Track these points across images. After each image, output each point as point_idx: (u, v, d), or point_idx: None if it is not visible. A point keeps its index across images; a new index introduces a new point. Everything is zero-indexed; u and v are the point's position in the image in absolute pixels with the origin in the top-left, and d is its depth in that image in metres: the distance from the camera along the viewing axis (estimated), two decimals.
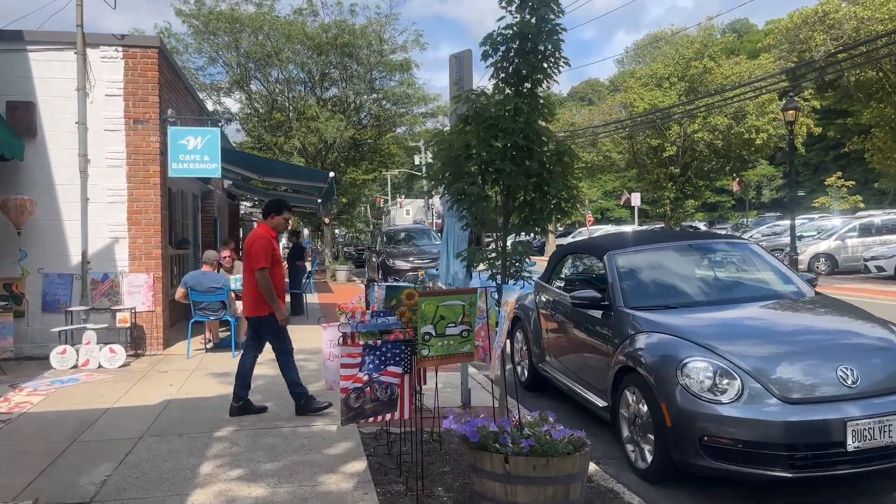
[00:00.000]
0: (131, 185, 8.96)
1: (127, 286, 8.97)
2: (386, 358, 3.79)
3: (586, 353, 5.57)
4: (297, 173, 10.80)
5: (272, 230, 5.97)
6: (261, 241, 5.70)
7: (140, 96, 8.96)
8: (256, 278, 5.63)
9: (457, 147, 4.50)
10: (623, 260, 5.50)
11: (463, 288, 4.49)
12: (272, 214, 5.96)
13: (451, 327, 3.99)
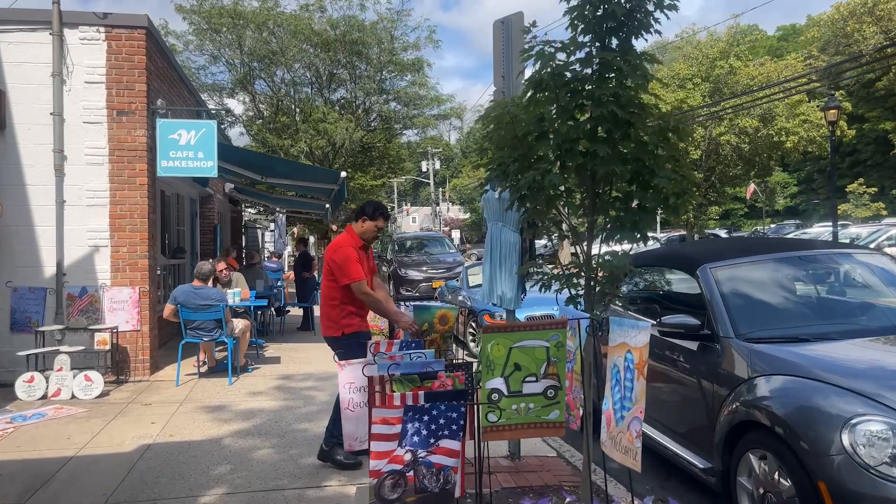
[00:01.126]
0: (114, 185, 7.79)
1: (108, 302, 7.78)
2: (438, 426, 2.57)
3: (677, 397, 4.34)
4: (305, 173, 9.62)
5: (359, 237, 4.85)
6: (345, 251, 4.67)
7: (125, 84, 7.80)
8: (357, 295, 4.63)
9: (524, 122, 3.28)
10: (726, 275, 4.27)
11: (547, 321, 3.24)
12: (363, 218, 4.84)
13: (531, 382, 2.78)
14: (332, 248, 4.83)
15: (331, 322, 4.73)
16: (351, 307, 4.66)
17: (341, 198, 9.56)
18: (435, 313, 4.83)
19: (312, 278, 12.29)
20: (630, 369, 2.58)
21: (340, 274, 4.61)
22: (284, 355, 9.43)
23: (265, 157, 9.24)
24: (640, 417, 2.47)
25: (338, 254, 4.67)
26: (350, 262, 4.60)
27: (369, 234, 4.89)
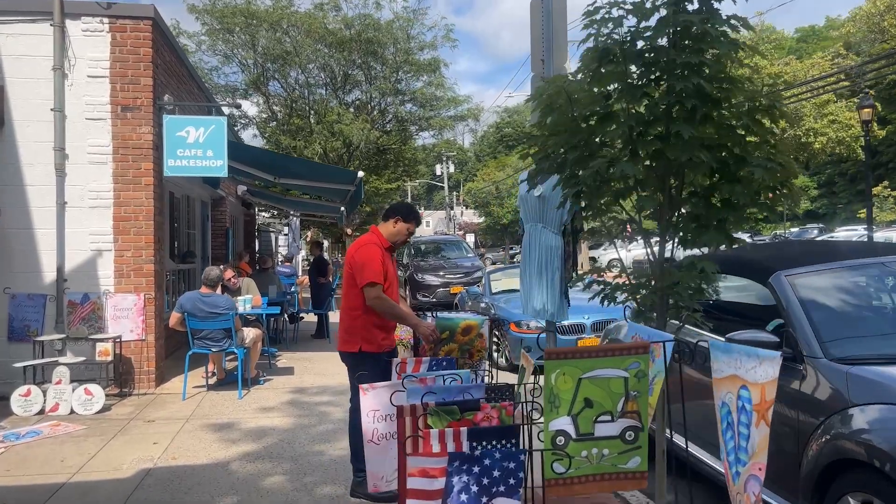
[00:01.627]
0: (118, 185, 7.33)
1: (112, 309, 7.31)
2: (491, 479, 2.02)
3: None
4: (320, 173, 9.11)
5: (387, 239, 4.33)
6: (370, 249, 4.17)
7: (130, 78, 7.34)
8: (368, 299, 4.07)
9: (585, 102, 2.73)
10: (806, 284, 3.69)
11: (626, 343, 2.67)
12: (396, 219, 4.34)
13: (606, 422, 2.23)
14: (355, 246, 4.29)
15: (351, 335, 4.19)
16: (376, 317, 4.13)
17: (358, 199, 9.06)
18: (458, 324, 4.31)
19: (328, 284, 11.78)
20: (746, 411, 2.01)
21: (360, 272, 4.09)
22: (298, 366, 8.93)
23: (278, 156, 8.78)
24: (758, 476, 1.89)
25: (361, 252, 4.15)
26: (373, 261, 4.08)
27: (400, 238, 4.39)
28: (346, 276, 4.24)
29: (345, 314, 4.24)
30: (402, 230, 4.34)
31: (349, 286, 4.21)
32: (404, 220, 4.33)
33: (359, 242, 4.31)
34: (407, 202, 4.69)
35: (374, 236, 4.31)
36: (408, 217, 4.35)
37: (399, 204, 4.55)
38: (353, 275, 4.15)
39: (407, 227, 4.35)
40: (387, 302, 4.09)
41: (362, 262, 4.10)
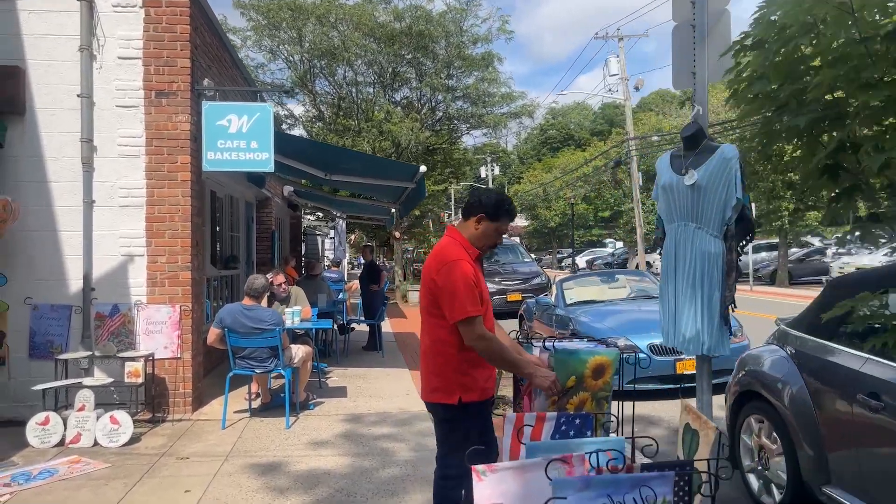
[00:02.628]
0: (152, 181, 6.44)
1: (144, 323, 6.42)
2: None
3: None
4: (377, 168, 8.08)
5: (473, 244, 3.17)
6: (459, 267, 2.97)
7: (165, 59, 6.45)
8: (467, 340, 2.96)
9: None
10: None
11: None
12: (479, 216, 3.14)
13: None
14: (436, 260, 3.10)
15: (443, 381, 3.06)
16: (473, 352, 3.04)
17: (418, 197, 8.04)
18: (586, 362, 3.18)
19: (381, 291, 10.80)
20: None
21: (449, 303, 2.95)
22: (351, 385, 7.93)
23: (331, 148, 7.85)
24: None
25: (448, 272, 2.97)
26: (466, 284, 2.94)
27: (487, 242, 3.19)
28: (426, 297, 3.11)
29: (430, 351, 3.12)
30: (489, 231, 3.14)
31: (430, 312, 3.08)
32: (490, 218, 3.12)
33: (440, 254, 3.10)
34: (492, 191, 3.37)
35: (456, 243, 3.12)
36: (496, 213, 3.12)
37: (480, 195, 3.19)
38: (435, 299, 3.03)
39: (495, 226, 3.14)
40: (494, 344, 2.98)
41: (452, 286, 2.94)
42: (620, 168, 39.00)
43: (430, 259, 3.12)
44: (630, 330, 7.49)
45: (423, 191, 7.50)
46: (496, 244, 3.29)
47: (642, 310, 8.46)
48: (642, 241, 30.78)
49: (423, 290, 3.14)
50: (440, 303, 2.98)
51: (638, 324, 7.73)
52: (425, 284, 3.10)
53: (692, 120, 3.37)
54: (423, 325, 3.18)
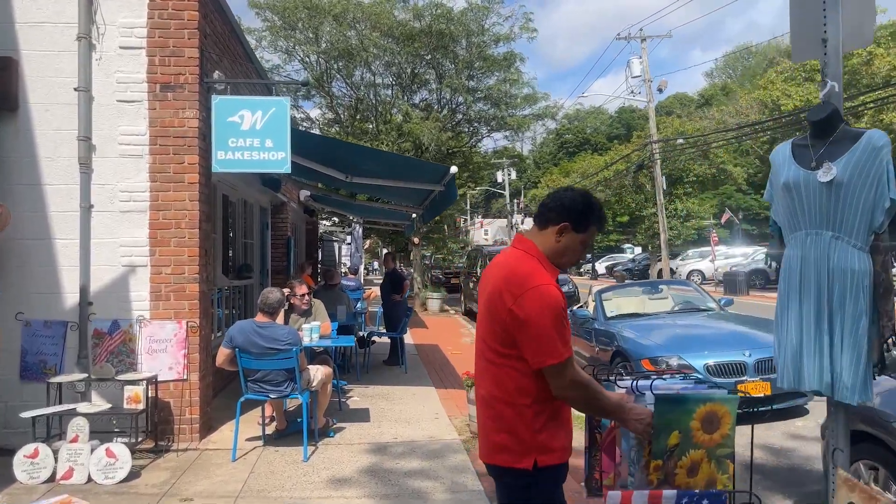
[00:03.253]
0: (156, 184, 5.82)
1: (146, 341, 5.78)
2: None
3: None
4: (403, 169, 7.35)
5: (552, 260, 2.44)
6: (545, 292, 2.25)
7: (171, 49, 5.83)
8: (559, 388, 2.27)
9: None
10: None
11: None
12: (562, 225, 2.41)
13: None
14: (511, 283, 2.31)
15: (515, 440, 2.32)
16: (554, 403, 2.33)
17: (447, 201, 7.34)
18: (693, 411, 2.45)
19: (403, 302, 10.12)
20: None
21: (534, 343, 2.22)
22: (373, 406, 7.25)
23: (354, 148, 7.20)
24: None
25: (532, 301, 2.23)
26: (556, 318, 2.22)
27: (571, 258, 2.47)
28: (492, 331, 2.37)
29: (495, 401, 2.37)
30: (574, 245, 2.42)
31: (498, 352, 2.34)
32: (576, 228, 2.39)
33: (517, 274, 2.32)
34: (576, 191, 2.50)
35: (533, 260, 2.38)
36: (585, 222, 2.41)
37: (562, 198, 2.43)
38: (509, 335, 2.30)
39: (582, 238, 2.43)
40: (592, 389, 2.28)
41: (538, 320, 2.20)
42: (642, 172, 38.17)
43: (500, 280, 2.37)
44: (682, 347, 6.75)
45: (454, 194, 6.81)
46: (579, 260, 2.57)
47: (692, 324, 7.72)
48: (666, 246, 29.92)
49: (487, 322, 2.41)
50: (519, 341, 2.26)
51: (690, 340, 6.99)
52: (493, 314, 2.37)
53: (823, 99, 2.66)
54: (484, 365, 2.46)
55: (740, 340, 6.81)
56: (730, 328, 7.41)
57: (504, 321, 2.30)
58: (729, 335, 7.07)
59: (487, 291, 2.46)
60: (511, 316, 2.27)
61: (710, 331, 7.40)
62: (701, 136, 31.14)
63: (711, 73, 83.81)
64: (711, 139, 28.79)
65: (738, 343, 6.72)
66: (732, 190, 51.71)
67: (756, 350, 6.51)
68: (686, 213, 36.49)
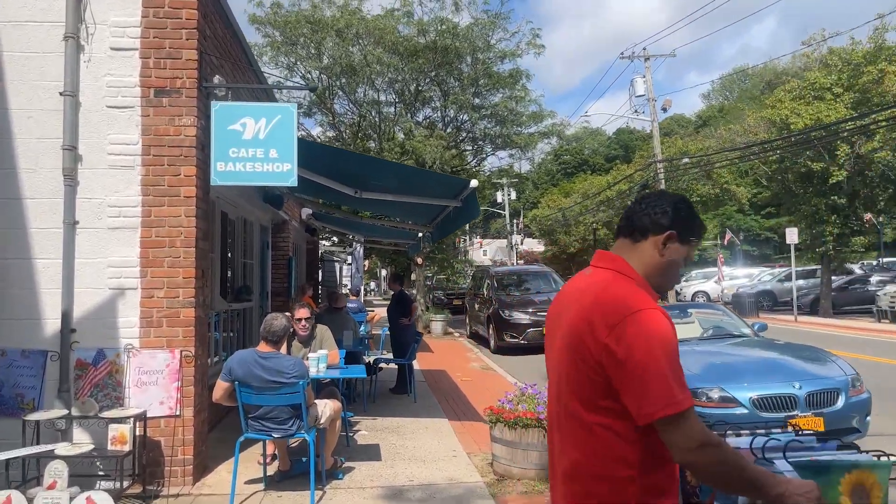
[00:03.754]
0: (149, 198, 5.27)
1: (135, 372, 5.19)
2: None
3: None
4: (420, 183, 6.76)
5: (651, 280, 1.92)
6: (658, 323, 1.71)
7: (168, 50, 5.31)
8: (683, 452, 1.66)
9: None
10: None
11: None
12: (668, 235, 1.92)
13: None
14: (602, 308, 1.78)
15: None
16: (661, 474, 1.76)
17: (464, 218, 6.80)
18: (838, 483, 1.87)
19: (412, 327, 9.54)
20: None
21: (640, 388, 1.66)
22: (384, 442, 6.64)
23: (367, 160, 6.68)
24: None
25: (634, 332, 1.69)
26: (669, 353, 1.67)
27: (673, 279, 1.97)
28: (573, 375, 1.82)
29: (581, 474, 1.80)
30: (680, 261, 1.93)
31: (587, 403, 1.79)
32: (682, 238, 1.92)
33: (608, 296, 1.80)
34: (671, 195, 1.99)
35: (628, 280, 1.87)
36: (691, 230, 1.93)
37: (661, 201, 1.96)
38: (603, 379, 1.74)
39: (686, 251, 1.94)
40: (728, 452, 1.67)
41: (645, 357, 1.66)
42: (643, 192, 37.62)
43: (585, 308, 1.81)
44: (723, 378, 6.16)
45: (475, 209, 6.26)
46: (677, 282, 2.05)
47: (728, 352, 7.14)
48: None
49: (567, 368, 1.85)
50: (620, 388, 1.70)
51: (731, 370, 6.41)
52: (577, 356, 1.80)
53: None
54: (565, 428, 1.88)
55: (786, 370, 6.23)
56: (771, 356, 6.83)
57: (595, 363, 1.74)
58: (773, 364, 6.49)
59: (566, 325, 1.89)
60: (606, 353, 1.71)
61: (750, 359, 6.83)
62: (705, 156, 30.77)
63: (709, 95, 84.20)
64: (717, 158, 28.37)
65: (784, 373, 6.15)
66: (733, 210, 51.47)
67: (806, 382, 5.93)
68: None
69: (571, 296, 1.97)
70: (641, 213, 1.95)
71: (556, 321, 2.00)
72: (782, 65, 55.61)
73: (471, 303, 18.39)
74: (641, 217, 1.94)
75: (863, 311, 22.76)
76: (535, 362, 13.29)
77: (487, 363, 13.22)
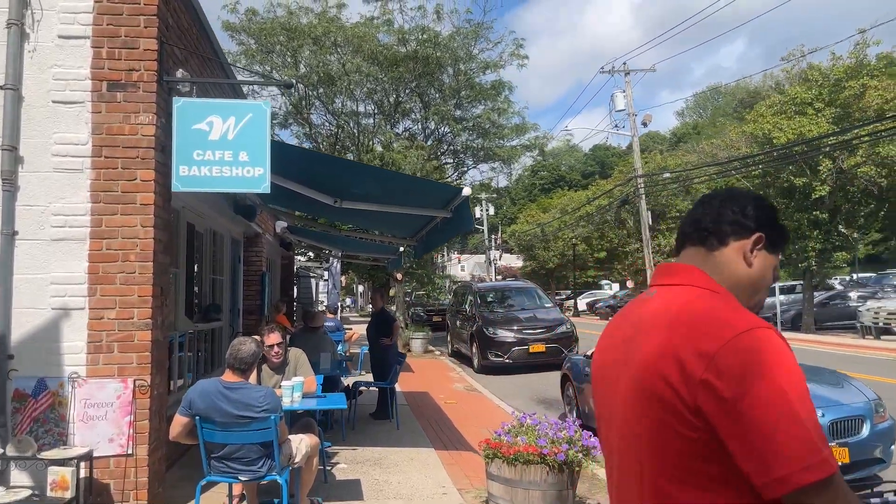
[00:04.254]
0: (100, 205, 4.64)
1: (81, 405, 4.53)
2: None
3: None
4: (408, 190, 6.13)
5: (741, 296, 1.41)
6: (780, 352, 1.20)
7: (123, 39, 4.71)
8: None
9: None
10: None
11: None
12: (757, 237, 1.43)
13: None
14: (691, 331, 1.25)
15: None
16: None
17: (455, 229, 6.25)
18: None
19: (394, 347, 8.93)
20: None
21: (766, 443, 1.12)
22: (365, 477, 6.01)
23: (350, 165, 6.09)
24: None
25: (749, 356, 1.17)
26: (800, 387, 1.16)
27: (765, 294, 1.48)
28: (638, 432, 1.32)
29: None
30: (770, 272, 1.46)
31: (671, 481, 1.25)
32: (771, 244, 1.45)
33: (687, 316, 1.29)
34: (749, 193, 1.50)
35: (719, 297, 1.35)
36: (780, 234, 1.47)
37: (742, 199, 1.48)
38: (690, 440, 1.22)
39: (774, 262, 1.47)
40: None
41: (764, 390, 1.14)
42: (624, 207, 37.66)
43: (659, 338, 1.31)
44: None
45: (468, 220, 5.71)
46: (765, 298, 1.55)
47: None
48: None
49: (638, 425, 1.32)
50: (729, 441, 1.18)
51: None
52: (653, 406, 1.28)
53: None
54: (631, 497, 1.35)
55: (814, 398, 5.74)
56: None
57: (689, 410, 1.21)
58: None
59: (634, 368, 1.35)
60: (704, 394, 1.19)
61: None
62: (685, 171, 30.70)
63: (683, 113, 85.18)
64: (696, 174, 28.29)
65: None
66: None
67: (829, 409, 5.45)
68: (669, 248, 36.02)
69: (633, 328, 1.42)
70: (717, 212, 1.46)
71: (611, 370, 1.46)
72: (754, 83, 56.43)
73: (453, 320, 17.80)
74: (718, 217, 1.45)
75: (844, 326, 22.61)
76: (521, 382, 12.75)
77: (472, 384, 12.63)
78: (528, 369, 13.78)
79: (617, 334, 1.49)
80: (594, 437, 4.93)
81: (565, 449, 4.67)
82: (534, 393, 11.56)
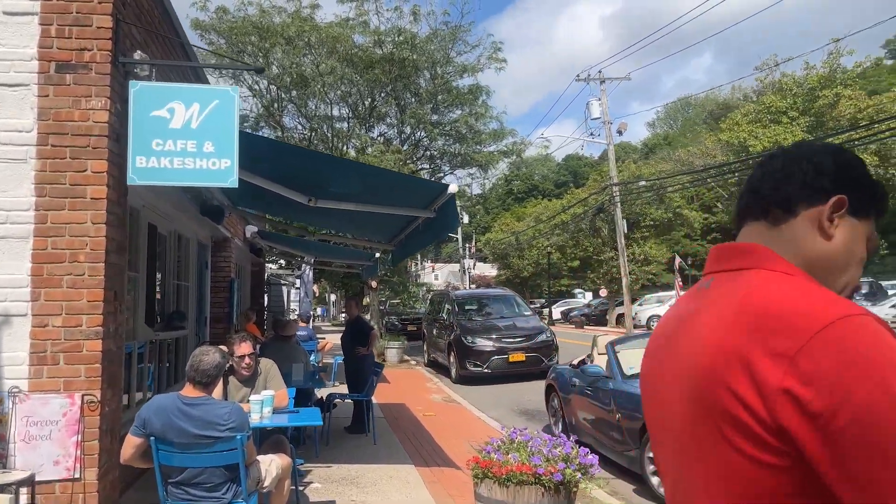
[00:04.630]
0: (44, 199, 4.15)
1: (23, 424, 4.02)
2: None
3: None
4: (390, 187, 5.68)
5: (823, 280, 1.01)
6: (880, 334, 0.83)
7: (75, 16, 4.24)
8: None
9: None
10: None
11: None
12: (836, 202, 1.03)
13: None
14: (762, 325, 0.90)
15: None
16: None
17: (442, 229, 5.83)
18: None
19: (370, 357, 8.48)
20: None
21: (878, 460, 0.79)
22: (341, 498, 5.56)
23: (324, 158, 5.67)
24: None
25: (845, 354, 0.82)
26: None
27: (856, 272, 1.07)
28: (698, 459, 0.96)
29: None
30: (861, 246, 1.07)
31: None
32: (856, 209, 1.05)
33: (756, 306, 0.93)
34: (827, 145, 1.10)
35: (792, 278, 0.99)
36: (868, 196, 1.06)
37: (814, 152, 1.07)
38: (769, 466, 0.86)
39: (867, 231, 1.07)
40: None
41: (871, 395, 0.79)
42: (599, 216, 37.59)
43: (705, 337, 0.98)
44: None
45: (453, 220, 5.30)
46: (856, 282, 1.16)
47: None
48: (628, 291, 29.10)
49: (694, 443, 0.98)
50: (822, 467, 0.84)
51: None
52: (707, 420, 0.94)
53: None
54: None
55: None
56: None
57: (761, 427, 0.89)
58: None
59: (689, 375, 0.99)
60: (785, 407, 0.87)
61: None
62: (660, 179, 30.73)
63: (654, 123, 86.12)
64: (672, 182, 28.33)
65: None
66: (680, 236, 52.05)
67: None
68: (644, 257, 36.01)
69: (687, 326, 1.05)
70: (781, 173, 1.09)
71: (661, 379, 1.09)
72: (723, 95, 57.19)
73: (429, 328, 17.35)
74: (783, 179, 1.08)
75: None
76: (500, 392, 12.36)
77: (450, 394, 12.21)
78: (508, 379, 13.40)
79: (668, 335, 1.12)
80: (592, 455, 4.55)
81: (562, 468, 4.29)
82: (514, 403, 11.17)
